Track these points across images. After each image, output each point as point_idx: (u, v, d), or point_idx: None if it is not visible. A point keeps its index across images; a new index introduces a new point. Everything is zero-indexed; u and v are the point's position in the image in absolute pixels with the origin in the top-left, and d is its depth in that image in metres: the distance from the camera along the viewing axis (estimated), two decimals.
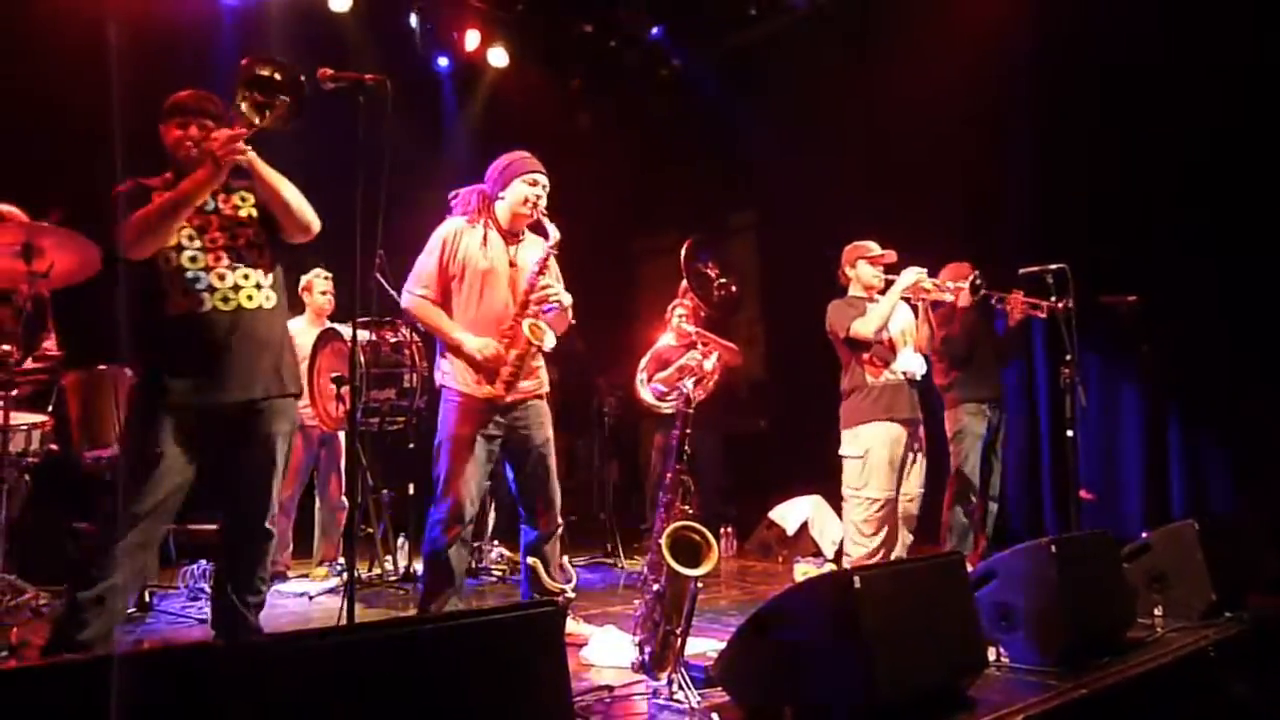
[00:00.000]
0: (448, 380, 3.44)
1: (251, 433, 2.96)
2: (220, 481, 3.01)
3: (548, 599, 2.37)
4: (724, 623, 3.86)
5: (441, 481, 3.35)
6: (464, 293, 3.46)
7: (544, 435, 3.51)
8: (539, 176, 3.54)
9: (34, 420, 4.02)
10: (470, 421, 3.36)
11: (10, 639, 3.36)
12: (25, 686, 1.44)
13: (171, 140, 2.97)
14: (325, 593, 4.72)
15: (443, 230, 3.52)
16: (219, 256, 2.94)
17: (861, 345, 4.40)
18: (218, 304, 2.89)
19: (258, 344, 2.95)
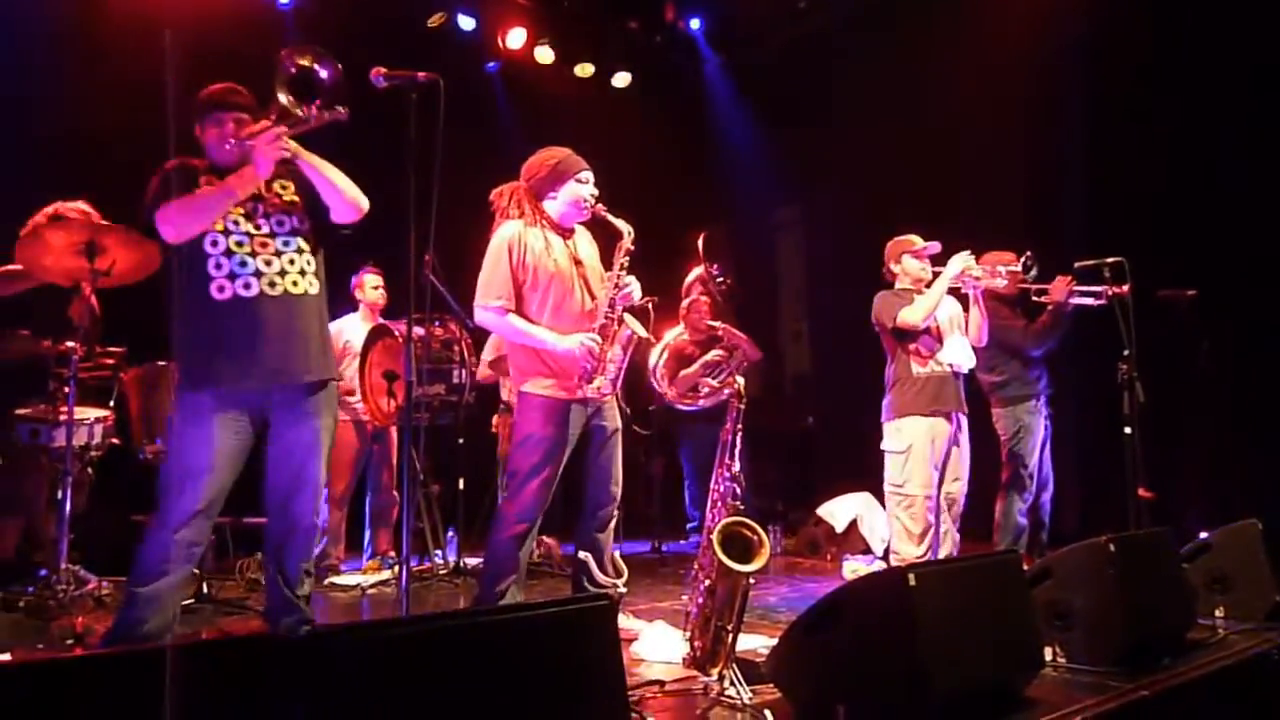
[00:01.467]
0: (531, 387, 3.37)
1: (298, 427, 2.99)
2: (267, 476, 3.05)
3: (601, 593, 2.37)
4: (773, 619, 3.85)
5: (519, 478, 3.32)
6: (538, 296, 3.39)
7: (615, 425, 3.49)
8: (589, 174, 3.51)
9: (97, 415, 4.12)
10: (554, 422, 3.32)
11: (75, 627, 3.45)
12: (88, 674, 1.48)
13: (210, 140, 3.01)
14: (377, 585, 4.79)
15: (505, 235, 3.41)
16: (265, 243, 2.98)
17: (908, 335, 4.35)
18: (265, 289, 2.93)
19: (303, 329, 2.98)
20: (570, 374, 3.34)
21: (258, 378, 2.91)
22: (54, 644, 3.40)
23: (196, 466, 2.85)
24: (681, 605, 4.04)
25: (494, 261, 3.39)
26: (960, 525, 4.41)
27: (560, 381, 3.36)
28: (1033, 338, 4.84)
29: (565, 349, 3.32)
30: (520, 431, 3.40)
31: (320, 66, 2.76)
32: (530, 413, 3.38)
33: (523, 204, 3.46)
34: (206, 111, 3.02)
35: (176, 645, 1.52)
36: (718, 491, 2.77)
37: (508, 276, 3.36)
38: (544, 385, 3.37)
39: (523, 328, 3.37)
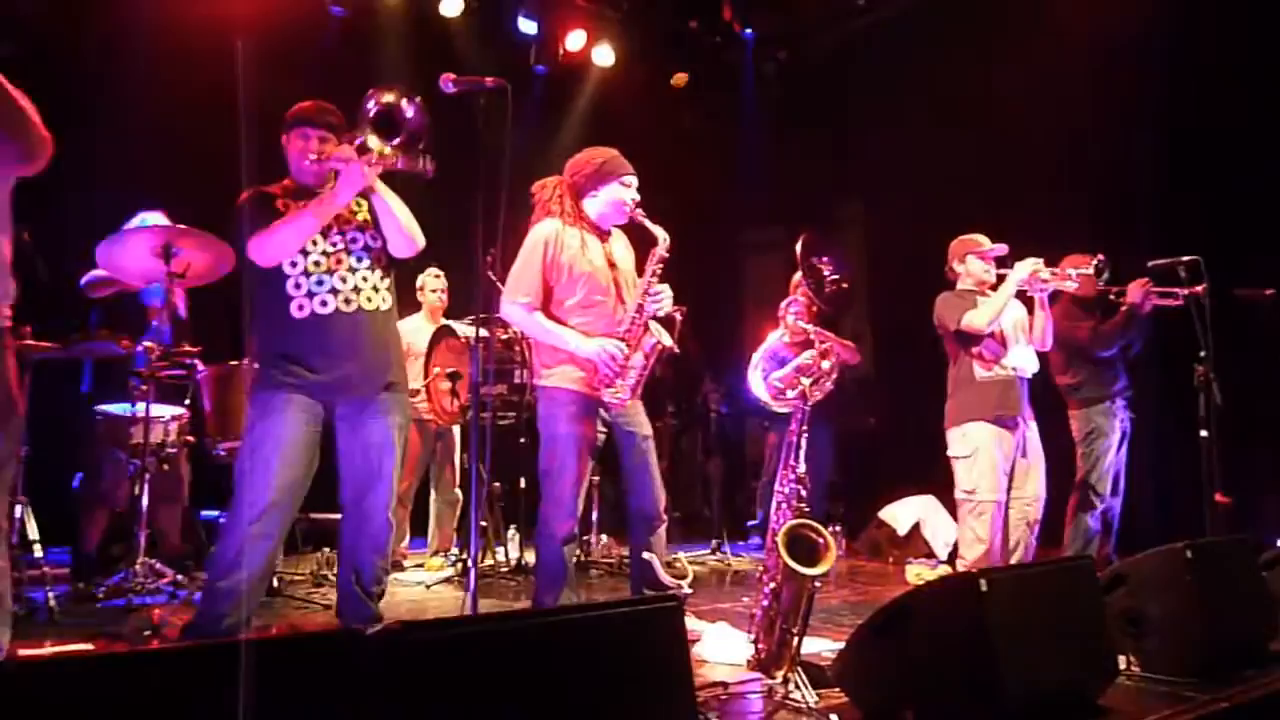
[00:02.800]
0: (554, 380, 3.38)
1: (371, 425, 3.06)
2: (341, 474, 3.12)
3: (668, 594, 2.38)
4: (836, 622, 3.82)
5: (551, 478, 3.34)
6: (570, 296, 3.38)
7: (647, 431, 3.47)
8: (633, 179, 3.48)
9: (173, 413, 4.24)
10: (578, 420, 3.33)
11: (152, 619, 3.55)
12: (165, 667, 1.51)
13: (294, 151, 3.12)
14: (441, 582, 4.85)
15: (542, 232, 3.39)
16: (340, 260, 3.07)
17: (972, 339, 4.28)
18: (340, 306, 3.03)
19: (376, 342, 3.08)
20: (593, 374, 3.33)
21: (333, 388, 3.02)
22: (132, 635, 3.50)
23: (269, 461, 2.94)
24: (743, 607, 4.05)
25: (527, 257, 3.38)
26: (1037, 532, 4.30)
27: (584, 378, 3.34)
28: (1099, 339, 4.73)
29: (587, 353, 3.30)
30: (546, 430, 3.39)
31: (406, 105, 2.84)
32: (555, 409, 3.37)
33: (563, 200, 3.44)
34: (294, 125, 3.13)
35: (250, 640, 1.55)
36: (782, 493, 2.76)
37: (538, 274, 3.35)
38: (568, 380, 3.36)
39: (547, 327, 3.36)
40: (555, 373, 3.38)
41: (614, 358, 3.27)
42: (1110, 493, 4.73)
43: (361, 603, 3.11)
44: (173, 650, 2.12)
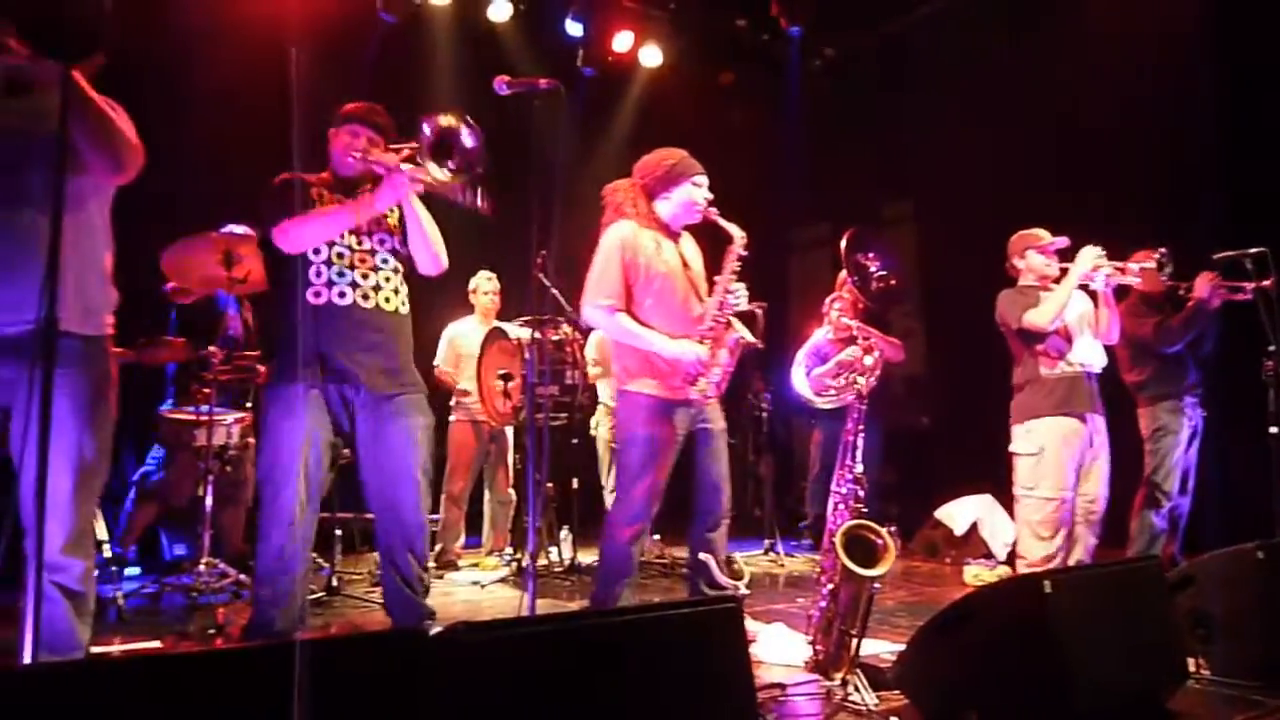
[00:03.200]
0: (635, 385, 3.37)
1: (389, 429, 3.05)
2: (364, 479, 3.13)
3: (728, 595, 2.37)
4: (893, 624, 3.78)
5: (628, 480, 3.34)
6: (649, 297, 3.36)
7: (721, 426, 3.47)
8: (704, 178, 3.48)
9: (234, 416, 4.33)
10: (660, 422, 3.32)
11: (217, 618, 3.63)
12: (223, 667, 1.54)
13: (339, 146, 3.15)
14: (495, 582, 4.89)
15: (619, 234, 3.39)
16: (365, 258, 3.09)
17: (1035, 336, 4.20)
18: (358, 300, 3.03)
19: (391, 340, 3.08)
20: (676, 375, 3.33)
21: (345, 373, 3.00)
22: (197, 634, 3.58)
23: (294, 461, 2.94)
24: (798, 607, 4.03)
25: (606, 260, 3.38)
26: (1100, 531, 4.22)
27: (666, 381, 3.34)
28: (1165, 335, 4.62)
29: (674, 353, 3.30)
30: (625, 432, 3.39)
31: (465, 131, 2.86)
32: (635, 412, 3.37)
33: (637, 203, 3.45)
34: (345, 121, 3.16)
35: (306, 640, 1.57)
36: (839, 493, 2.73)
37: (619, 276, 3.35)
38: (650, 385, 3.36)
39: (631, 328, 3.35)
40: (635, 374, 3.38)
41: (699, 358, 3.27)
42: (1178, 491, 4.62)
43: (410, 601, 3.12)
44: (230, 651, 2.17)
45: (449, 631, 1.62)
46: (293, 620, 2.99)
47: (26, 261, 2.30)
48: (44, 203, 2.33)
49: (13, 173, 2.33)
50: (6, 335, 2.29)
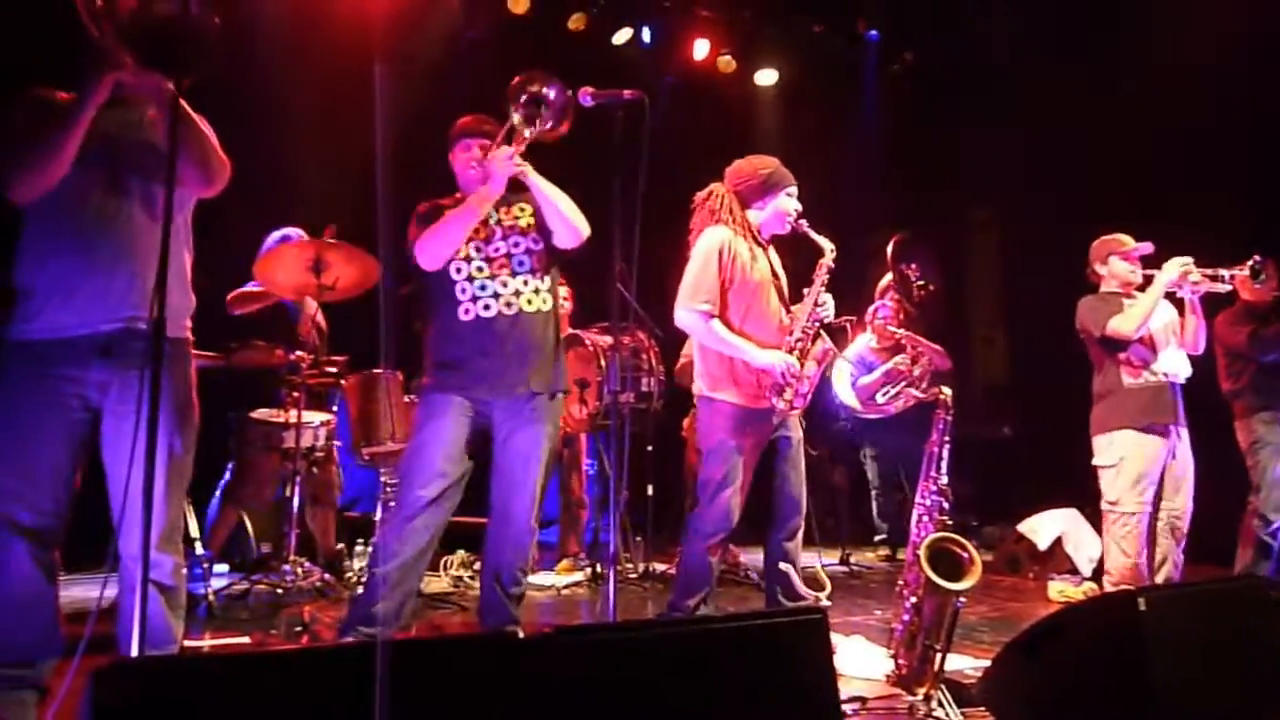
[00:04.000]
0: (721, 391, 3.37)
1: (522, 432, 3.13)
2: (492, 478, 3.20)
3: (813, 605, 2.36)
4: (976, 639, 3.71)
5: (710, 489, 3.33)
6: (741, 305, 3.37)
7: (798, 436, 3.47)
8: (796, 189, 3.50)
9: (321, 418, 4.45)
10: (744, 433, 3.33)
11: (303, 615, 3.73)
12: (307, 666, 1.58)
13: (460, 164, 3.24)
14: (570, 586, 4.93)
15: (717, 239, 3.38)
16: (503, 265, 3.17)
17: (1118, 344, 4.09)
18: (502, 309, 3.12)
19: (536, 344, 3.16)
20: (762, 384, 3.33)
21: (492, 388, 3.10)
22: (285, 631, 3.68)
23: (432, 461, 3.05)
24: (877, 620, 3.98)
25: (703, 264, 3.37)
26: (1185, 546, 4.09)
27: (750, 390, 3.34)
28: (1259, 344, 4.46)
29: (765, 363, 3.30)
30: (709, 440, 3.40)
31: (547, 88, 2.92)
32: (719, 420, 3.37)
33: (732, 210, 3.45)
34: (457, 139, 3.25)
35: (387, 641, 1.61)
36: (923, 505, 2.70)
37: (716, 280, 3.34)
38: (734, 393, 3.36)
39: (725, 335, 3.34)
40: (721, 381, 3.39)
41: (789, 369, 3.27)
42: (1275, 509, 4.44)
43: (503, 606, 3.18)
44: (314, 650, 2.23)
45: (542, 634, 1.64)
46: (398, 612, 3.07)
47: (120, 264, 2.39)
48: (137, 208, 2.45)
49: (109, 179, 2.42)
50: (99, 333, 2.36)
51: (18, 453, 2.34)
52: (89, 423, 2.41)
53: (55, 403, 2.36)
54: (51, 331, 2.36)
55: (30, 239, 2.43)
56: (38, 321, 2.36)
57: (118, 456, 2.40)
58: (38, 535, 2.35)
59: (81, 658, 2.05)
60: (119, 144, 2.45)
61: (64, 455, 2.37)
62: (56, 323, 2.36)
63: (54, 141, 2.29)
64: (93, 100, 2.30)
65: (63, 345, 2.35)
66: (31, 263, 2.41)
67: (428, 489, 3.03)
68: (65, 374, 2.36)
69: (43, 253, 2.40)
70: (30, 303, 2.38)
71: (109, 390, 2.39)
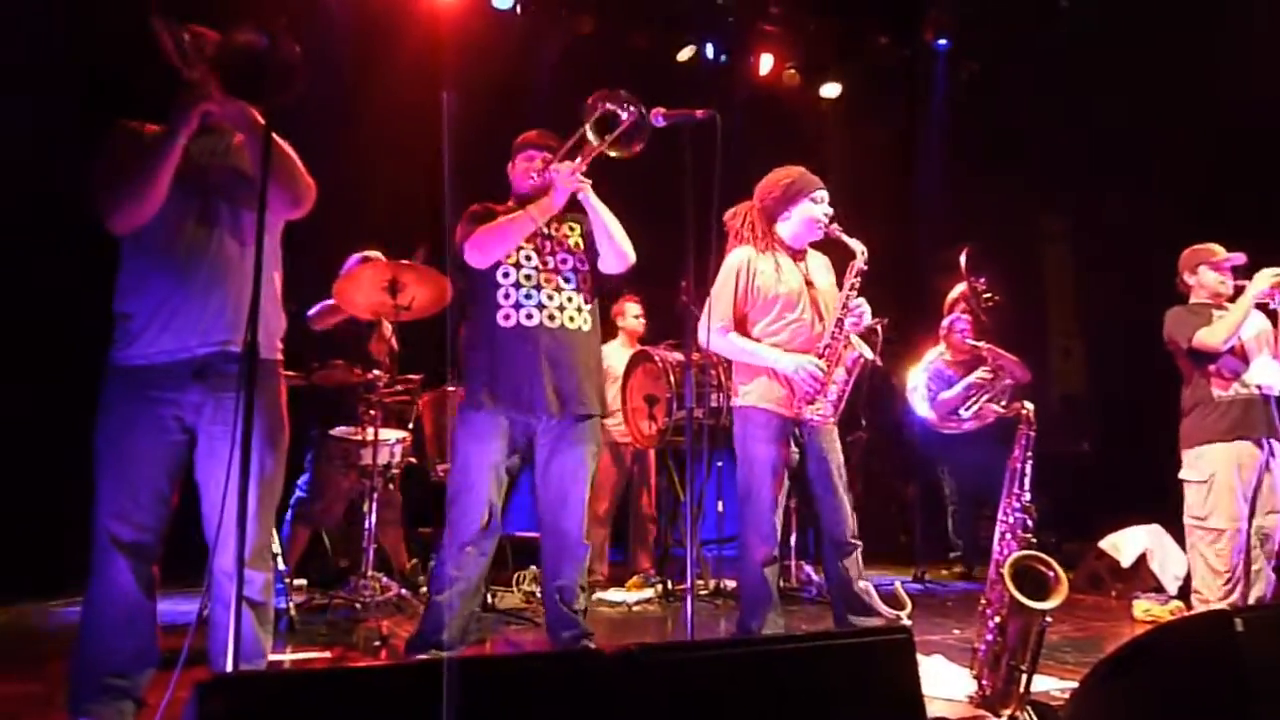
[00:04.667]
0: (750, 400, 3.39)
1: (565, 453, 3.16)
2: (538, 497, 3.24)
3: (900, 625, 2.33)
4: (1059, 659, 3.61)
5: (751, 501, 3.34)
6: (765, 320, 3.40)
7: (837, 452, 3.43)
8: (823, 194, 3.47)
9: (397, 436, 4.53)
10: (774, 442, 3.33)
11: (380, 630, 3.79)
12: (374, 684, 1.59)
13: (518, 172, 3.30)
14: (641, 603, 4.93)
15: (733, 262, 3.45)
16: (550, 278, 3.20)
17: (1207, 356, 3.97)
18: (545, 321, 3.14)
19: (576, 363, 3.17)
20: (792, 393, 3.31)
21: (531, 402, 3.11)
22: (363, 645, 3.74)
23: (478, 483, 3.09)
24: (954, 639, 3.91)
25: (721, 286, 3.45)
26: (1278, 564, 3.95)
27: (782, 399, 3.33)
28: None
29: (785, 368, 3.30)
30: (745, 452, 3.39)
31: (621, 109, 2.96)
32: (750, 429, 3.38)
33: (755, 226, 3.47)
34: (520, 149, 3.32)
35: (454, 658, 1.62)
36: (1006, 523, 2.64)
37: (731, 301, 3.40)
38: (765, 402, 3.36)
39: (744, 345, 3.39)
40: (751, 391, 3.40)
41: (813, 375, 3.26)
42: None
43: (572, 620, 3.21)
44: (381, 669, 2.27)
45: (625, 652, 1.64)
46: (461, 632, 3.13)
47: (213, 289, 2.47)
48: (227, 234, 2.53)
49: (201, 207, 2.50)
50: (194, 357, 2.44)
51: (119, 472, 2.43)
52: (186, 443, 2.49)
53: (154, 424, 2.44)
54: (149, 356, 2.44)
55: (128, 267, 2.53)
56: (136, 346, 2.45)
57: (211, 476, 2.47)
58: (137, 551, 2.43)
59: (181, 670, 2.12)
60: (209, 171, 2.54)
61: (162, 474, 2.46)
62: (154, 347, 2.44)
63: (148, 174, 2.38)
64: (183, 132, 2.38)
65: (160, 369, 2.44)
66: (130, 290, 2.50)
67: (477, 516, 3.07)
68: (163, 396, 2.44)
69: (140, 280, 2.49)
70: (129, 328, 2.47)
71: (203, 411, 2.46)
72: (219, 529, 2.35)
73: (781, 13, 7.05)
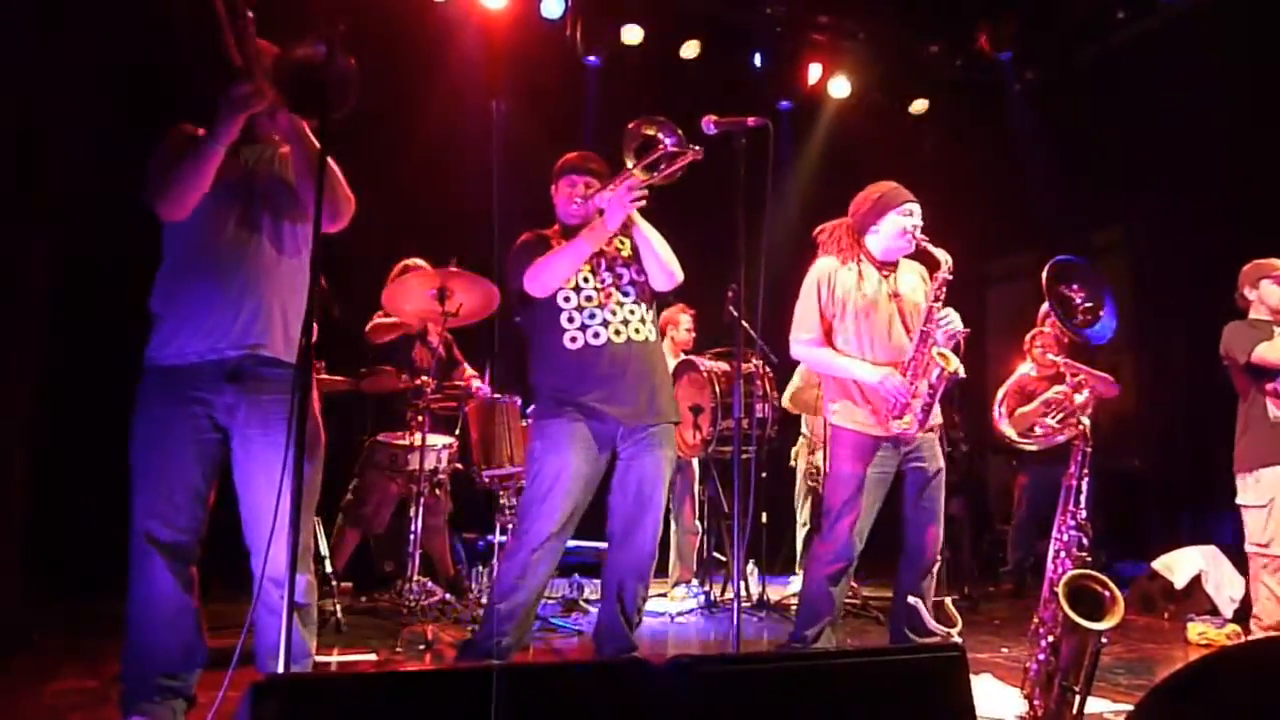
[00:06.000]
0: (840, 418, 3.39)
1: (644, 459, 3.16)
2: (611, 505, 3.23)
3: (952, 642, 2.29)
4: (1112, 681, 3.53)
5: (832, 516, 3.32)
6: (848, 331, 3.41)
7: (937, 465, 3.41)
8: (912, 206, 3.47)
9: (444, 442, 4.57)
10: (865, 459, 3.31)
11: (426, 634, 3.81)
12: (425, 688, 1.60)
13: (561, 197, 3.31)
14: (684, 614, 4.91)
15: (815, 273, 3.49)
16: (609, 294, 3.22)
17: (1266, 373, 3.89)
18: (611, 337, 3.16)
19: (646, 371, 3.19)
20: (880, 409, 3.29)
21: (609, 416, 3.14)
22: (408, 648, 3.76)
23: (551, 492, 3.10)
24: (1003, 658, 3.84)
25: (804, 297, 3.48)
26: None
27: (870, 416, 3.33)
28: None
29: (870, 381, 3.30)
30: (833, 467, 3.40)
31: (663, 134, 2.96)
32: (841, 448, 3.38)
33: (841, 240, 3.50)
34: (562, 174, 3.32)
35: (502, 667, 1.62)
36: (1061, 541, 2.59)
37: (816, 312, 3.42)
38: (853, 420, 3.35)
39: (829, 358, 3.41)
40: (838, 410, 3.41)
41: (897, 388, 3.24)
42: None
43: (622, 631, 3.20)
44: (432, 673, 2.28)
45: (675, 663, 1.64)
46: (519, 638, 3.14)
47: (247, 295, 2.49)
48: (267, 241, 2.56)
49: (243, 213, 2.54)
50: (226, 359, 2.47)
51: (155, 472, 2.45)
52: (220, 442, 2.51)
53: (188, 424, 2.46)
54: (183, 357, 2.47)
55: (167, 268, 2.57)
56: (171, 347, 2.48)
57: (249, 480, 2.50)
58: (175, 551, 2.45)
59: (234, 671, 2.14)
60: (255, 177, 2.58)
61: (198, 474, 2.47)
62: (188, 348, 2.47)
63: (186, 174, 2.42)
64: (223, 139, 2.42)
65: (193, 369, 2.46)
66: (167, 291, 2.54)
67: (550, 524, 3.08)
68: (197, 396, 2.46)
69: (177, 282, 2.53)
70: (164, 328, 2.50)
71: (236, 413, 2.49)
72: (258, 533, 2.39)
73: (830, 22, 7.01)
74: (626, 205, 3.05)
